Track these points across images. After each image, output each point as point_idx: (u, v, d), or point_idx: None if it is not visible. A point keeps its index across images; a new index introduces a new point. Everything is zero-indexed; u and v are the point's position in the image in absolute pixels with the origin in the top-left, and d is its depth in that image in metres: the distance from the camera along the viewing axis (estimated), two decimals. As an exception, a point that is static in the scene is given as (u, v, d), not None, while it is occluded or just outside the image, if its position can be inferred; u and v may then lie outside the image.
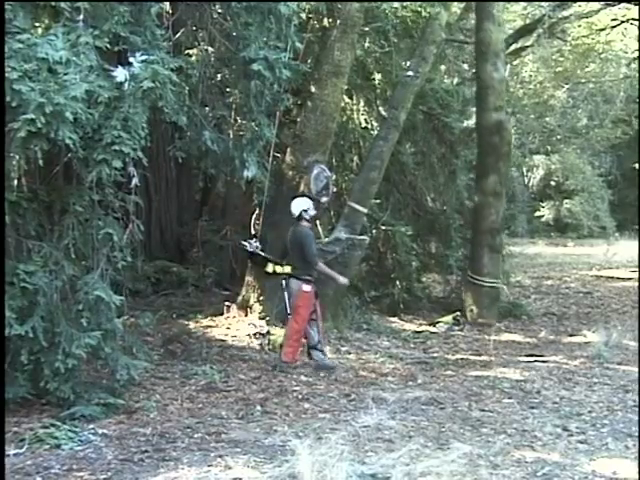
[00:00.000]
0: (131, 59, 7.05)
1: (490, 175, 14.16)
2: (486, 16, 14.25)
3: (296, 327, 9.79)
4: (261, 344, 10.76)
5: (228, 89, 10.54)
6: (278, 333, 10.98)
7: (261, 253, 10.56)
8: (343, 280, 10.46)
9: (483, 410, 8.17)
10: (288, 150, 11.99)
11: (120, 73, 6.95)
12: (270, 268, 11.06)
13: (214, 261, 15.38)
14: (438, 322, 13.83)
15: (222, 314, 11.97)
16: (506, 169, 14.55)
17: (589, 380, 9.67)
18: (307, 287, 9.78)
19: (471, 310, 13.97)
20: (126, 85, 6.92)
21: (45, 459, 6.32)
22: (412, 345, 12.10)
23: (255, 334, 11.01)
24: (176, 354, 10.17)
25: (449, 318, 13.95)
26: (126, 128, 6.88)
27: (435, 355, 11.43)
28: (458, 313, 14.06)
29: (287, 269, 11.00)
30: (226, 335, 11.14)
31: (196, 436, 7.03)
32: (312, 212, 10.10)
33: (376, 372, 9.99)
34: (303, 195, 10.49)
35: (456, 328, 13.56)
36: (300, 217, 10.03)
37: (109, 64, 7.09)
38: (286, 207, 11.18)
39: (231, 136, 9.93)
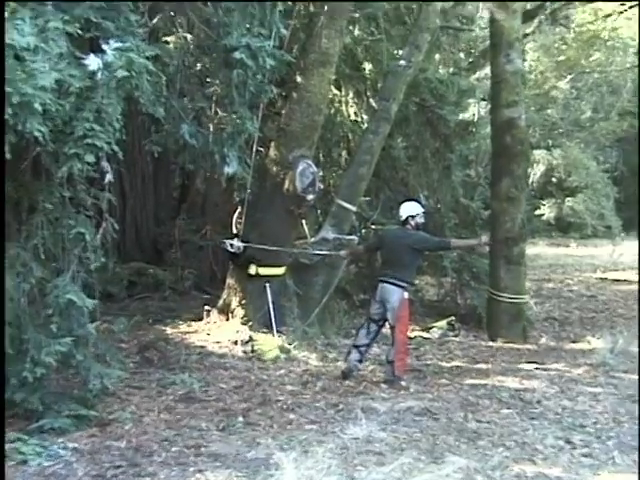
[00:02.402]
0: (104, 46, 6.93)
1: (503, 178, 13.59)
2: (499, 5, 13.85)
3: (402, 338, 9.91)
4: (244, 351, 10.69)
5: (208, 79, 10.45)
6: (261, 339, 10.91)
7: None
8: (484, 239, 11.15)
9: (480, 421, 8.13)
10: (272, 144, 11.83)
11: (92, 61, 6.84)
12: (253, 270, 11.32)
13: (193, 262, 15.34)
14: (431, 327, 13.69)
15: (201, 319, 11.88)
16: (522, 171, 13.99)
17: (593, 389, 9.60)
18: (407, 294, 9.88)
19: (490, 328, 13.58)
20: (99, 74, 6.81)
21: (10, 477, 6.23)
22: (404, 352, 11.99)
23: (237, 341, 10.93)
24: (152, 362, 10.07)
25: (443, 323, 13.80)
26: (99, 120, 6.77)
27: (428, 362, 11.35)
28: (453, 318, 13.94)
29: (271, 271, 11.32)
30: (206, 341, 11.02)
31: (174, 449, 6.96)
32: (420, 220, 10.18)
33: (366, 380, 9.92)
34: (412, 200, 10.59)
35: (451, 334, 13.46)
36: (406, 222, 10.14)
37: (81, 52, 6.96)
38: (269, 205, 11.46)
39: (211, 129, 9.87)
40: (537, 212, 32.78)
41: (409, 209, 10.15)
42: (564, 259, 28.07)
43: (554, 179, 35.29)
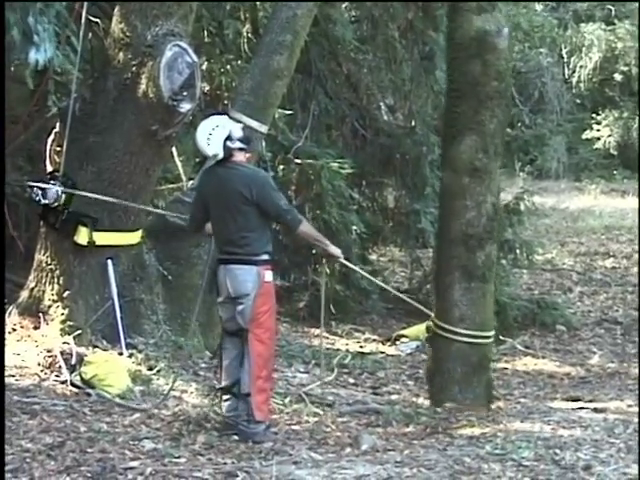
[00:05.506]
0: None
1: (465, 136, 10.35)
2: None
3: (263, 350, 7.83)
4: (67, 382, 8.39)
5: None
6: (99, 361, 8.63)
7: None
8: (336, 252, 8.63)
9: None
10: (116, 11, 9.26)
11: None
12: (83, 237, 9.34)
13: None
14: (400, 337, 11.59)
15: (-11, 327, 9.72)
16: (497, 126, 10.66)
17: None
18: (269, 275, 7.96)
19: (432, 385, 10.60)
20: None
21: None
22: (351, 380, 10.06)
23: (54, 363, 8.67)
24: None
25: (420, 329, 11.22)
26: None
27: (394, 398, 9.56)
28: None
29: (116, 239, 9.62)
30: (-3, 367, 8.83)
31: None
32: (239, 133, 7.91)
33: (285, 430, 7.89)
34: (214, 113, 8.50)
35: (433, 347, 11.72)
36: (229, 154, 7.85)
37: None
38: (113, 122, 9.48)
39: (2, -18, 8.44)
40: (586, 135, 29.81)
41: (216, 133, 7.88)
42: (634, 217, 24.36)
43: (618, 76, 30.20)
